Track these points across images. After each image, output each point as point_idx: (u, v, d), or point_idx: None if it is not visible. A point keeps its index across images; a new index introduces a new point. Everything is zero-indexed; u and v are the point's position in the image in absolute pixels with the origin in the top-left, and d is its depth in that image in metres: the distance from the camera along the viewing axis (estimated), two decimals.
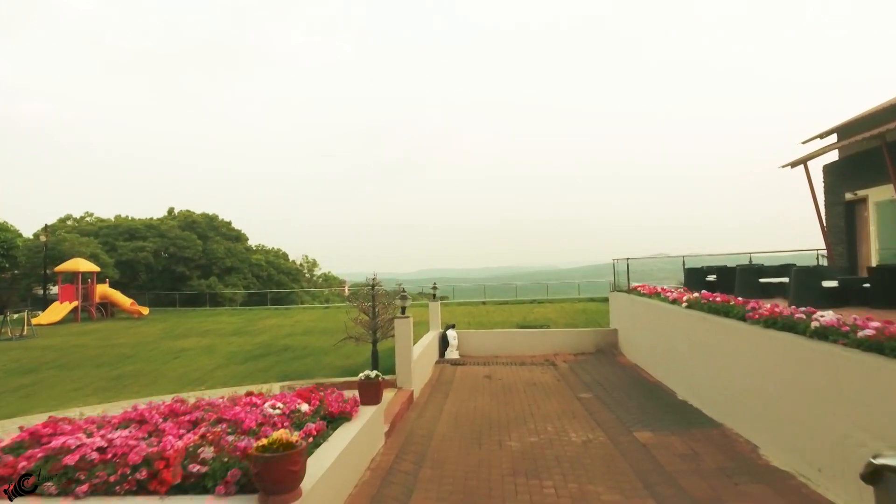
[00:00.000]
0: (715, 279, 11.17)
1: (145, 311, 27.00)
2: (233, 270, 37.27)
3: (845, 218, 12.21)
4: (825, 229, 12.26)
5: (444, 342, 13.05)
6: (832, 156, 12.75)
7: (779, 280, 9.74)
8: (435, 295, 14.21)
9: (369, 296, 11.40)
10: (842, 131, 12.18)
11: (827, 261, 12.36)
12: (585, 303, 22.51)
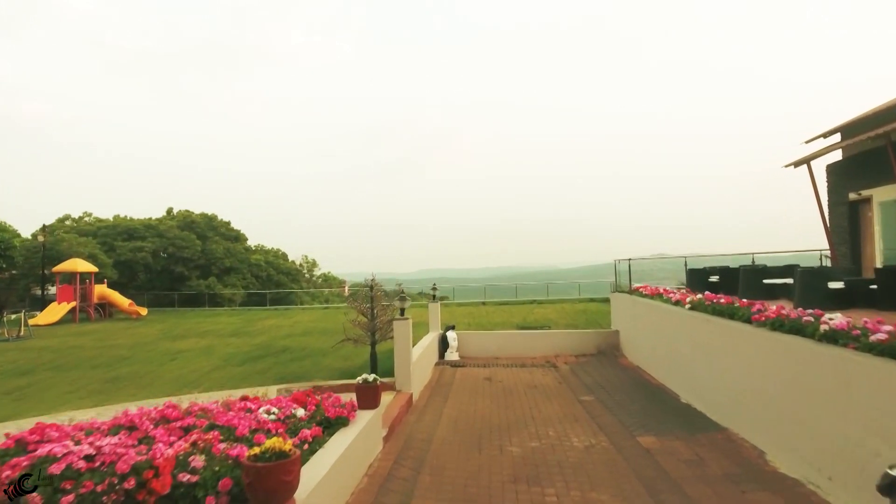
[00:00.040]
0: (718, 280, 11.04)
1: (144, 312, 26.87)
2: (232, 271, 37.14)
3: (849, 218, 12.09)
4: (829, 229, 12.14)
5: (444, 343, 12.92)
6: (836, 155, 12.64)
7: (783, 281, 9.62)
8: (434, 296, 14.08)
9: (368, 297, 11.26)
10: (845, 131, 12.06)
11: (830, 261, 12.24)
12: (586, 303, 22.39)
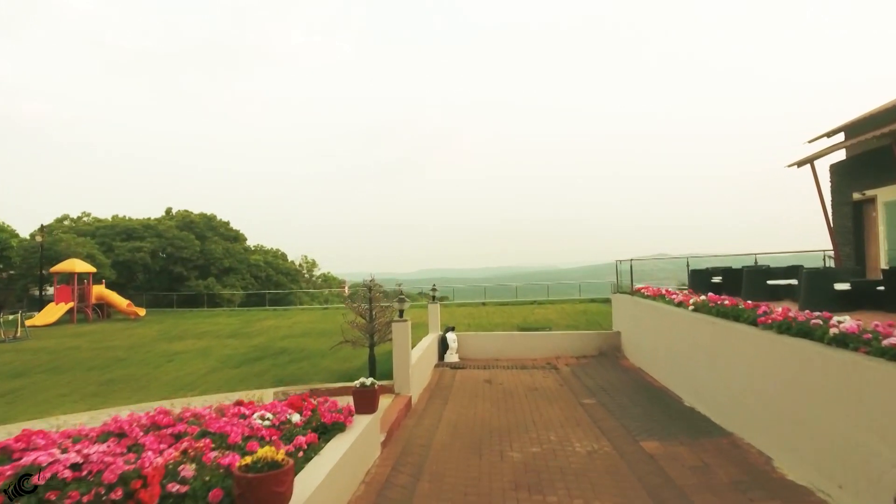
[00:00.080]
0: (720, 281, 10.93)
1: (142, 313, 26.72)
2: (231, 271, 37.00)
3: (853, 218, 11.95)
4: (832, 230, 12.01)
5: (444, 345, 12.80)
6: (839, 155, 12.50)
7: (787, 282, 9.49)
8: (434, 296, 13.96)
9: (366, 298, 11.12)
10: (849, 130, 11.92)
11: (834, 262, 12.11)
12: (586, 304, 22.23)
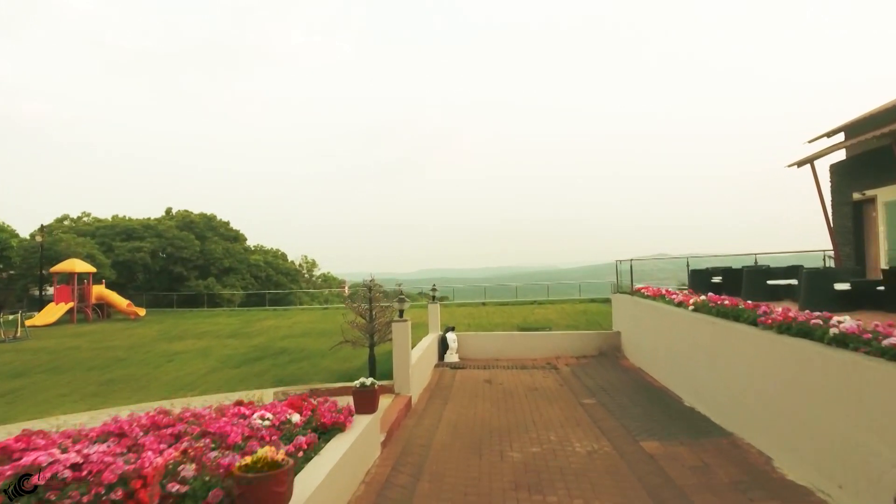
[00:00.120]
0: (720, 281, 10.93)
1: (142, 313, 26.72)
2: (231, 271, 37.00)
3: (853, 218, 11.95)
4: (832, 230, 12.00)
5: (444, 345, 12.80)
6: (839, 155, 12.49)
7: (787, 282, 9.49)
8: (434, 297, 13.96)
9: (366, 298, 11.12)
10: (849, 130, 11.92)
11: (834, 262, 12.11)
12: (586, 304, 22.24)
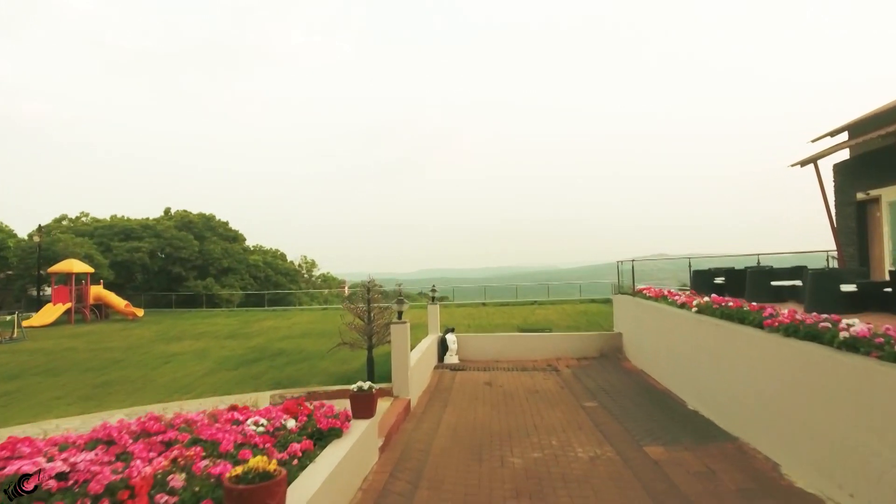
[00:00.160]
0: (723, 281, 10.81)
1: (140, 313, 26.60)
2: (230, 271, 36.87)
3: (857, 218, 11.82)
4: (836, 230, 11.88)
5: (444, 346, 12.67)
6: (842, 154, 12.37)
7: (791, 283, 9.37)
8: (434, 297, 13.84)
9: (364, 299, 10.99)
10: (853, 129, 11.79)
11: (837, 262, 11.99)
12: (587, 304, 22.12)
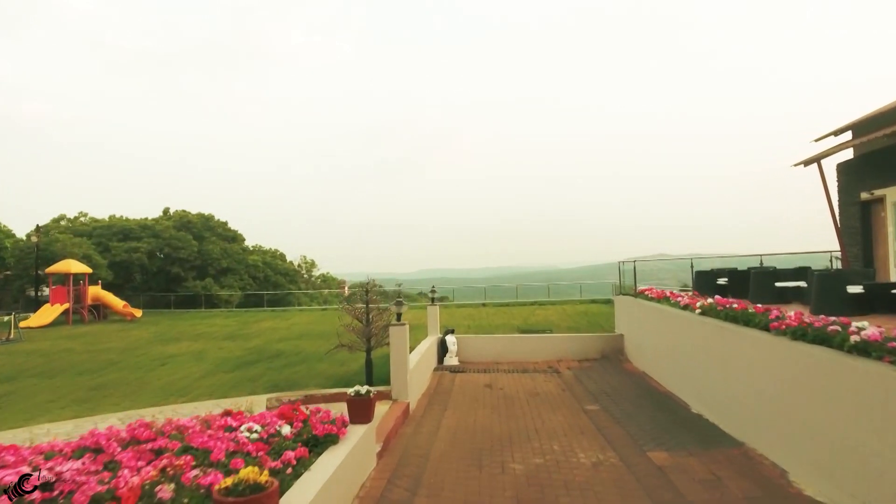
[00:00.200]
0: (726, 282, 10.68)
1: (138, 314, 26.46)
2: (229, 271, 36.74)
3: (861, 219, 11.70)
4: (839, 230, 11.75)
5: (443, 348, 12.54)
6: (846, 154, 12.24)
7: (795, 284, 9.24)
8: (433, 298, 13.71)
9: (363, 300, 10.85)
10: (857, 128, 11.66)
11: (841, 263, 11.86)
12: (587, 304, 22.01)
